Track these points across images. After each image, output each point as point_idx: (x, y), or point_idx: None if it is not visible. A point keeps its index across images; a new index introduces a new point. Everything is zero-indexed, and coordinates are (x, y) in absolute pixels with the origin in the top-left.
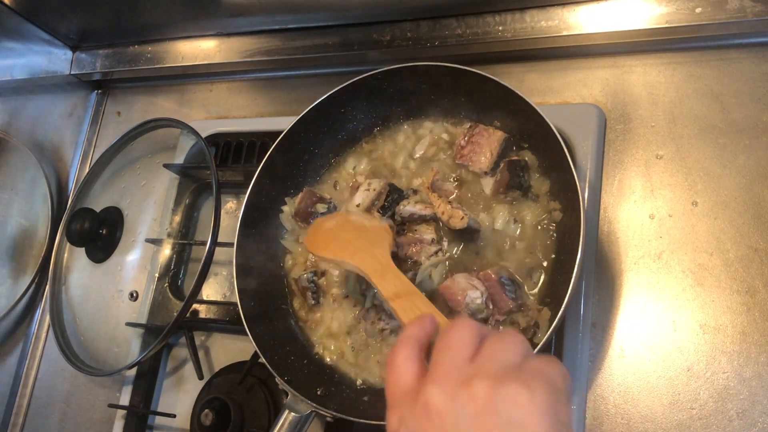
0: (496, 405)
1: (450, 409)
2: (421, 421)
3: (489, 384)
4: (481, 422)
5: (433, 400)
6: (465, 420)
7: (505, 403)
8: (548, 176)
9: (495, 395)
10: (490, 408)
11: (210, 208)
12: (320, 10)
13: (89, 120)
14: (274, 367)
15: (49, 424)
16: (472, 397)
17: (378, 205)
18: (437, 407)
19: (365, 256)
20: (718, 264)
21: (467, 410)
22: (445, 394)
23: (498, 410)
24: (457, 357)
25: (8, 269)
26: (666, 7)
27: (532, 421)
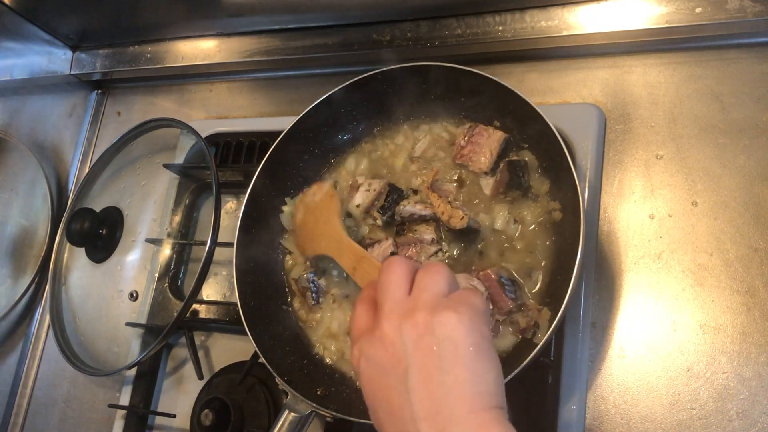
0: (433, 328)
1: (398, 337)
2: (377, 349)
3: (426, 313)
4: (422, 343)
5: (385, 332)
6: (410, 343)
7: (439, 326)
8: (548, 176)
9: (431, 321)
10: (429, 331)
11: (210, 208)
12: (320, 10)
13: (89, 120)
14: (273, 367)
15: (49, 424)
16: (414, 325)
17: (378, 205)
18: (389, 337)
19: (325, 240)
20: (718, 264)
21: (411, 335)
22: (393, 326)
23: (435, 332)
24: (397, 293)
25: (8, 269)
26: (666, 7)
27: (461, 335)
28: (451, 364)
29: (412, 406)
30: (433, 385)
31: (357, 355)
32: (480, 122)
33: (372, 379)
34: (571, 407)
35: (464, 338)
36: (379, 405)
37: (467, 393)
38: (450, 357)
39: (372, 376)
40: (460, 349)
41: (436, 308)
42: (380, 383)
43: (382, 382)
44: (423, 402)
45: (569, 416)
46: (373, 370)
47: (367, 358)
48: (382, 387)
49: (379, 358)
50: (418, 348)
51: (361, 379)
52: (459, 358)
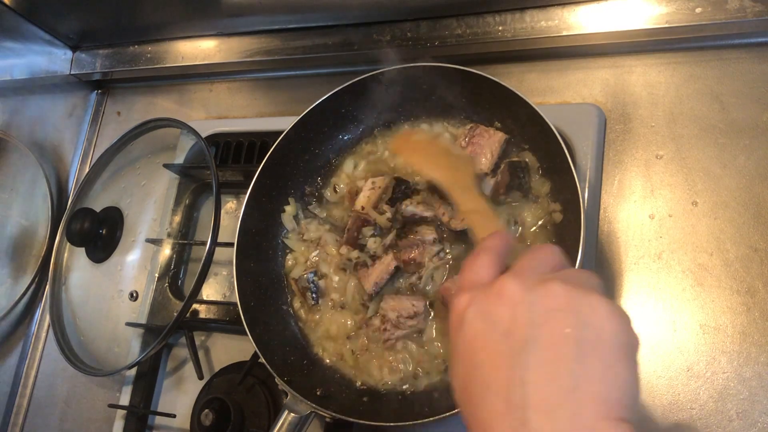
0: (578, 307)
1: (524, 298)
2: (492, 303)
3: (570, 288)
4: (557, 319)
5: (508, 286)
6: (539, 311)
7: (584, 307)
8: (548, 177)
9: (576, 298)
10: (570, 307)
11: (210, 208)
12: (320, 10)
13: (89, 120)
14: (273, 367)
15: (49, 424)
16: (551, 294)
17: (386, 198)
18: (512, 293)
19: (447, 174)
20: (718, 264)
21: (544, 303)
22: (523, 285)
23: (578, 311)
24: (541, 265)
25: (8, 269)
26: (666, 7)
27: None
28: (589, 355)
29: (524, 387)
30: (560, 373)
31: (464, 303)
32: (481, 123)
33: (477, 336)
34: None
35: (614, 333)
36: (476, 370)
37: (601, 395)
38: (589, 346)
39: (478, 333)
40: (606, 343)
41: (587, 289)
42: (487, 344)
43: (490, 343)
44: (541, 388)
45: None
46: (482, 326)
47: (480, 311)
48: (489, 350)
49: (497, 315)
50: (550, 322)
51: (460, 332)
52: (600, 352)
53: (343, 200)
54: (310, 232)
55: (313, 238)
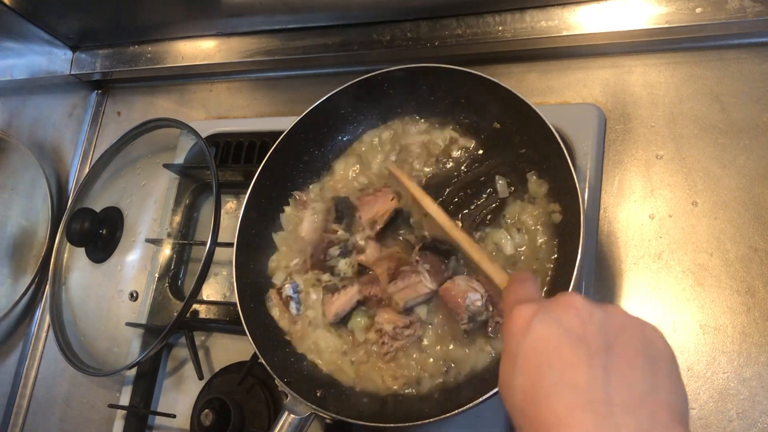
0: (641, 327)
1: (594, 312)
2: (568, 315)
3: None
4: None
5: (576, 300)
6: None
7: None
8: (547, 177)
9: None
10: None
11: (210, 208)
12: (320, 10)
13: (89, 120)
14: (273, 368)
15: (49, 424)
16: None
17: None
18: (582, 306)
19: None
20: (718, 264)
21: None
22: (586, 305)
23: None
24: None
25: (8, 269)
26: (666, 7)
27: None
28: (657, 367)
29: (607, 387)
30: (638, 379)
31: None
32: (480, 123)
33: (549, 339)
34: None
35: (671, 354)
36: (549, 368)
37: (671, 402)
38: (656, 361)
39: (551, 336)
40: (668, 361)
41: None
42: (562, 346)
43: (565, 345)
44: (623, 389)
45: None
46: (554, 330)
47: (551, 318)
48: (564, 351)
49: (570, 323)
50: (622, 335)
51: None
52: (666, 367)
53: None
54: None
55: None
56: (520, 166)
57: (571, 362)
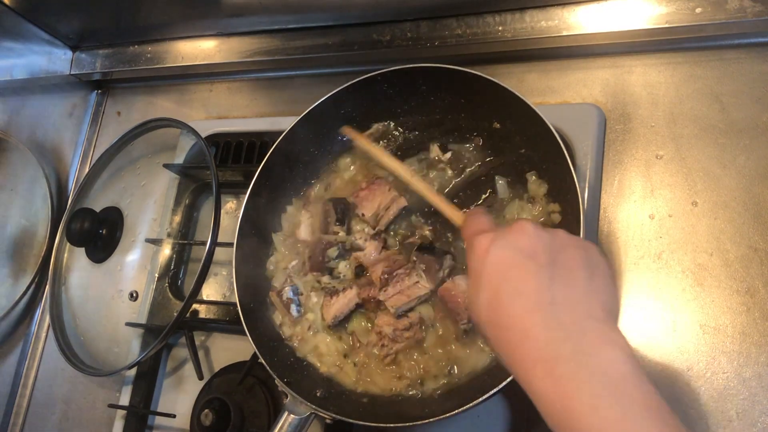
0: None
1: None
2: (518, 238)
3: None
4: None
5: (527, 227)
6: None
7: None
8: (547, 177)
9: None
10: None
11: (210, 208)
12: (320, 10)
13: (89, 120)
14: (273, 368)
15: (49, 424)
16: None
17: (332, 220)
18: (532, 231)
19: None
20: (718, 264)
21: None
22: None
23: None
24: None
25: (8, 269)
26: (666, 7)
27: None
28: (596, 275)
29: (552, 291)
30: (578, 283)
31: (488, 239)
32: (479, 123)
33: (505, 259)
34: None
35: (605, 264)
36: (507, 284)
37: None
38: (593, 270)
39: (506, 257)
40: (604, 270)
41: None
42: (515, 263)
43: (517, 263)
44: (565, 291)
45: None
46: (509, 252)
47: (505, 242)
48: (517, 267)
49: (521, 244)
50: (565, 251)
51: (486, 261)
52: (601, 276)
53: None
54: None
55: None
56: (520, 166)
57: (523, 275)
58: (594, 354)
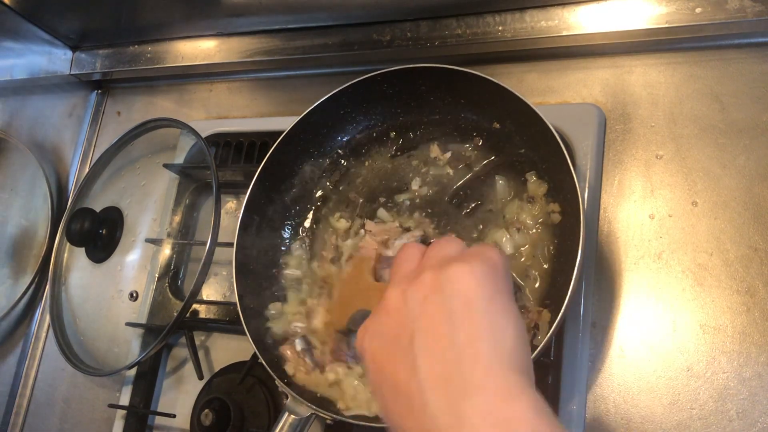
0: (441, 285)
1: (403, 303)
2: (381, 322)
3: (434, 271)
4: (429, 303)
5: (389, 301)
6: (416, 306)
7: (447, 282)
8: (547, 177)
9: (439, 277)
10: (436, 288)
11: (210, 208)
12: (320, 10)
13: (89, 120)
14: (274, 369)
15: (49, 424)
16: (420, 286)
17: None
18: (393, 304)
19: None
20: (718, 264)
21: (417, 297)
22: (397, 292)
23: (442, 288)
24: (407, 264)
25: (8, 269)
26: (666, 7)
27: (471, 288)
28: (462, 319)
29: (418, 375)
30: (442, 346)
31: (361, 334)
32: (479, 123)
33: (376, 355)
34: (571, 407)
35: (476, 290)
36: (384, 382)
37: (483, 351)
38: (460, 312)
39: (376, 352)
40: (473, 302)
41: (444, 265)
42: (385, 357)
43: (386, 355)
44: (432, 368)
45: (569, 416)
46: (377, 344)
47: (372, 334)
48: (387, 360)
49: (384, 329)
50: (425, 309)
51: (365, 359)
52: (471, 313)
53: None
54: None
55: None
56: (519, 166)
57: (393, 368)
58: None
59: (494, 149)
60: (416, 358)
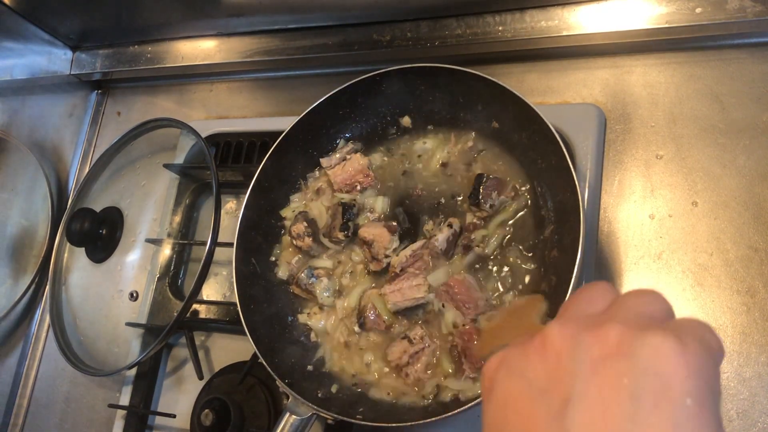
0: (633, 351)
1: (569, 348)
2: (531, 360)
3: (624, 329)
4: (608, 367)
5: (551, 338)
6: (587, 362)
7: (644, 349)
8: (547, 177)
9: (632, 340)
10: (624, 352)
11: (210, 208)
12: (320, 10)
13: (89, 120)
14: (274, 369)
15: (49, 424)
16: (601, 340)
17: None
18: (555, 345)
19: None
20: (718, 264)
21: (591, 352)
22: (566, 332)
23: (634, 355)
24: (587, 306)
25: (8, 269)
26: (666, 7)
27: (679, 375)
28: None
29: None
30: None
31: (494, 364)
32: (479, 123)
33: (509, 400)
34: None
35: (683, 381)
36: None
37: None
38: (650, 401)
39: (510, 395)
40: (673, 393)
41: (643, 328)
42: (520, 407)
43: (524, 405)
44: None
45: None
46: (515, 385)
47: (511, 370)
48: (522, 413)
49: (530, 371)
50: (599, 372)
51: (490, 399)
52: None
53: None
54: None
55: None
56: (519, 165)
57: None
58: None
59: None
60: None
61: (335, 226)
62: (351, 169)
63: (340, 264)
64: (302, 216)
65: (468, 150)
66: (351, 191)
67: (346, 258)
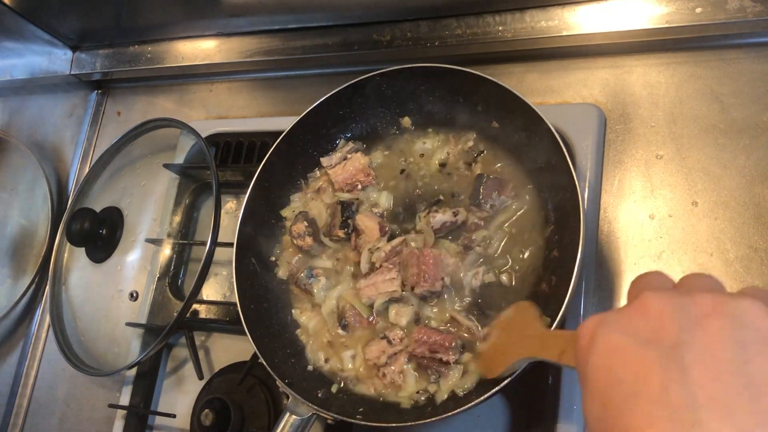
0: (731, 312)
1: (671, 310)
2: (632, 319)
3: (716, 295)
4: (709, 324)
5: (651, 302)
6: (689, 320)
7: (737, 310)
8: (547, 177)
9: (726, 303)
10: (722, 313)
11: (210, 208)
12: (320, 10)
13: (89, 120)
14: (274, 369)
15: (49, 424)
16: (698, 303)
17: (337, 223)
18: (657, 308)
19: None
20: (718, 264)
21: (694, 312)
22: (667, 298)
23: (733, 315)
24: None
25: (8, 269)
26: (666, 7)
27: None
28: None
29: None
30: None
31: (592, 324)
32: (479, 122)
33: (615, 349)
34: (572, 407)
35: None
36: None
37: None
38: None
39: (616, 346)
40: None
41: (732, 296)
42: (628, 355)
43: (631, 354)
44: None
45: (570, 416)
46: (619, 339)
47: (613, 327)
48: (631, 361)
49: (634, 328)
50: (704, 326)
51: (591, 356)
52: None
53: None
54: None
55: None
56: (519, 165)
57: (640, 371)
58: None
59: (493, 149)
60: (686, 370)
61: (335, 224)
62: (352, 168)
63: (339, 262)
64: (303, 216)
65: (468, 150)
66: (352, 190)
67: (345, 257)
